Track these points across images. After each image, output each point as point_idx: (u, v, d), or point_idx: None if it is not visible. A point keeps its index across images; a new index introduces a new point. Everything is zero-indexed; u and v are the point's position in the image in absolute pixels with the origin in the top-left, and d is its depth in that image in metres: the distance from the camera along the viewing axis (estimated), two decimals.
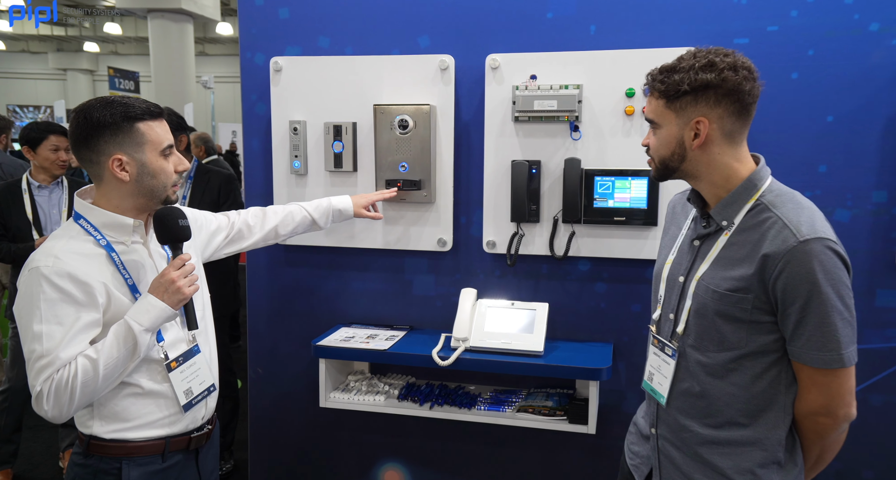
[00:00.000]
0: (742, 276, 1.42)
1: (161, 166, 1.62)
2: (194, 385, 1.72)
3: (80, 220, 1.62)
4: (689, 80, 1.41)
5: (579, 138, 2.32)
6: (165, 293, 1.56)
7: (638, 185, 2.28)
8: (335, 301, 2.68)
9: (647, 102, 1.51)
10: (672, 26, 2.23)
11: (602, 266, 2.43)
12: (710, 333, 1.48)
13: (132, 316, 1.54)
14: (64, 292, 1.50)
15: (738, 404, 1.48)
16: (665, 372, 1.59)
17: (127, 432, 1.63)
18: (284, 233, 2.22)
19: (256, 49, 2.60)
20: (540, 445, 2.55)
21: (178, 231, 1.63)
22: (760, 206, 1.44)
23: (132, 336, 1.52)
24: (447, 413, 2.40)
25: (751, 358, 1.45)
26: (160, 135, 1.63)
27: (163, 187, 1.63)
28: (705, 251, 1.52)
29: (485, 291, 2.51)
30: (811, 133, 2.16)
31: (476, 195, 2.48)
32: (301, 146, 2.54)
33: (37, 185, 3.41)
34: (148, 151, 1.61)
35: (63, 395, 1.48)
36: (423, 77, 2.43)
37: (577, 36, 2.32)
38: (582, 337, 2.47)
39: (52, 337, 1.49)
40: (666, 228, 1.74)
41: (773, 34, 2.15)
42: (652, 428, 1.65)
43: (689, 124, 1.44)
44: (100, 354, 1.50)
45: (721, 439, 1.51)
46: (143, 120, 1.61)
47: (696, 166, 1.48)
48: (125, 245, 1.64)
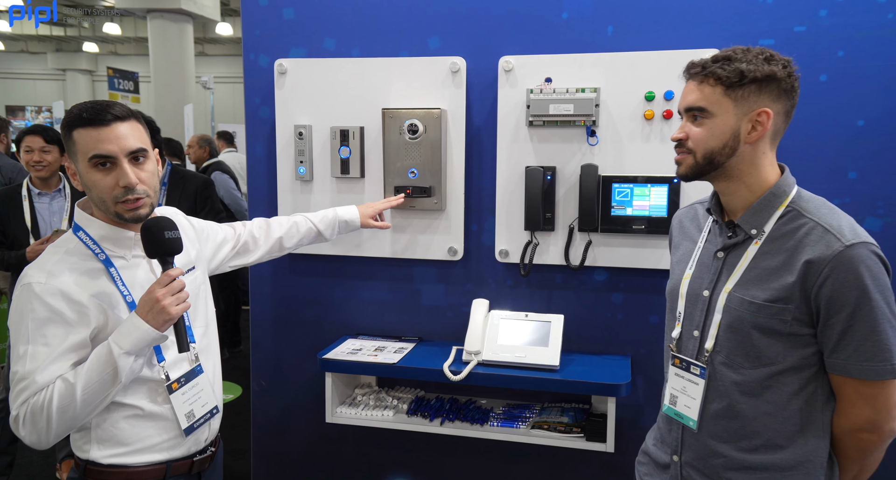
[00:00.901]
0: (782, 286, 1.35)
1: (91, 179, 1.47)
2: (196, 407, 1.63)
3: (79, 233, 1.54)
4: (756, 68, 1.34)
5: (596, 143, 2.23)
6: (150, 313, 1.43)
7: (658, 193, 2.19)
8: (341, 311, 2.59)
9: (692, 90, 1.40)
10: (693, 27, 2.14)
11: (619, 276, 2.34)
12: (744, 348, 1.41)
13: (114, 338, 1.43)
14: (54, 311, 1.42)
15: (774, 424, 1.40)
16: (693, 393, 1.50)
17: (126, 456, 1.54)
18: (289, 245, 2.13)
19: (260, 50, 2.51)
20: (554, 462, 2.46)
21: (163, 244, 1.48)
22: (793, 213, 1.39)
23: (112, 360, 1.41)
24: (459, 429, 2.31)
25: (788, 374, 1.38)
26: (88, 144, 1.45)
27: (101, 201, 1.49)
28: (733, 262, 1.44)
29: (497, 302, 2.42)
30: (840, 138, 2.07)
31: (488, 202, 2.39)
32: (306, 151, 2.45)
33: (37, 192, 3.31)
34: (80, 160, 1.47)
35: (39, 421, 1.40)
36: (433, 80, 2.35)
37: (593, 37, 2.23)
38: (598, 349, 2.38)
39: (35, 359, 1.41)
40: (676, 244, 1.66)
41: (800, 35, 2.06)
42: (674, 456, 1.55)
43: (749, 115, 1.36)
44: (78, 378, 1.41)
45: (757, 463, 1.42)
46: (79, 127, 1.46)
47: (740, 164, 1.40)
48: (125, 259, 1.55)
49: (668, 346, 1.60)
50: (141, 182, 1.49)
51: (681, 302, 1.55)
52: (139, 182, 1.48)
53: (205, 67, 17.87)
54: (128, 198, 1.47)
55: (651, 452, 1.66)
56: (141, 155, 1.50)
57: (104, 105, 1.47)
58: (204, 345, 1.70)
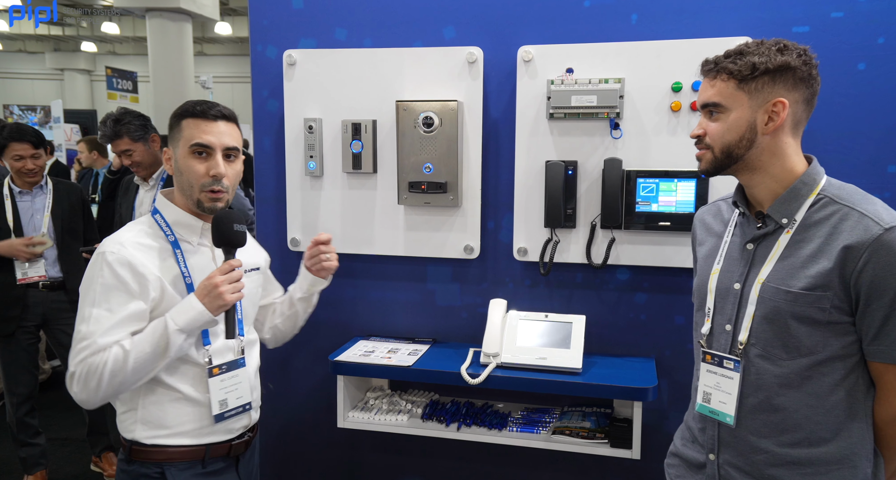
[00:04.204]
0: (819, 273, 1.33)
1: (187, 164, 1.62)
2: (231, 397, 1.69)
3: (156, 215, 1.68)
4: (767, 60, 1.34)
5: (620, 136, 2.14)
6: (207, 296, 1.56)
7: (685, 188, 2.10)
8: (352, 312, 2.50)
9: (707, 87, 1.42)
10: (722, 14, 2.05)
11: (643, 275, 2.25)
12: (781, 339, 1.38)
13: (171, 313, 1.55)
14: (120, 279, 1.54)
15: (816, 416, 1.38)
16: (727, 388, 1.46)
17: (166, 438, 1.64)
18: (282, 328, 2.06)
19: (268, 41, 2.42)
20: (575, 469, 2.37)
21: (231, 235, 1.61)
22: (825, 200, 1.38)
23: (166, 334, 1.53)
24: (476, 434, 2.22)
25: (828, 363, 1.37)
26: (193, 132, 1.62)
27: (189, 186, 1.63)
28: (764, 253, 1.43)
29: (514, 302, 2.33)
30: (879, 129, 1.97)
31: (506, 198, 2.30)
32: (317, 145, 2.36)
33: (17, 191, 3.24)
34: (181, 146, 1.64)
35: (91, 380, 1.51)
36: (448, 71, 2.25)
37: (617, 26, 2.14)
38: (620, 351, 2.29)
39: (99, 322, 1.52)
40: (700, 241, 1.63)
41: (837, 21, 1.97)
42: (710, 454, 1.50)
43: (765, 106, 1.36)
44: (133, 346, 1.52)
45: (801, 458, 1.39)
46: (187, 117, 1.64)
47: (760, 155, 1.40)
48: (191, 244, 1.68)
49: (697, 343, 1.56)
50: (227, 177, 1.64)
51: (710, 298, 1.52)
52: (225, 176, 1.63)
53: (204, 67, 17.80)
54: (213, 187, 1.62)
55: (681, 453, 1.61)
56: (233, 153, 1.66)
57: (214, 104, 1.66)
58: (250, 341, 1.80)
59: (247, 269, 1.71)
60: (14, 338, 3.20)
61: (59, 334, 3.30)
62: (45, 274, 3.21)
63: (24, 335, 3.22)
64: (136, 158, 3.00)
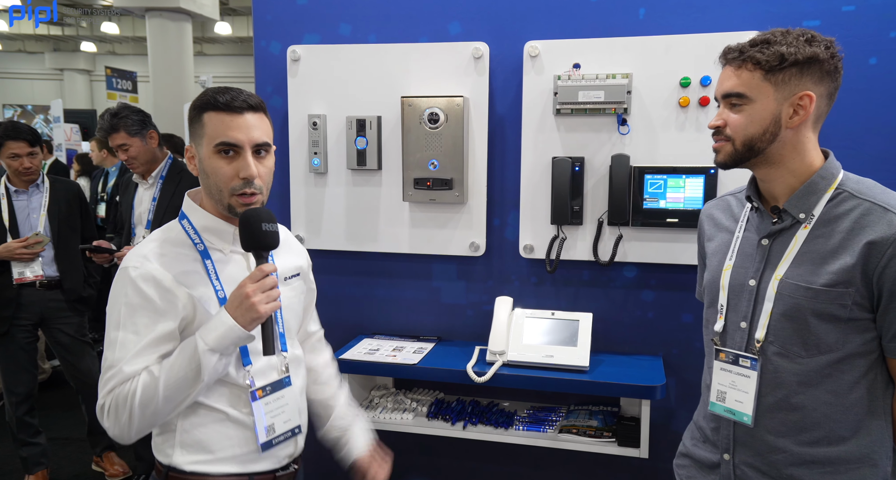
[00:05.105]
0: (841, 269, 1.30)
1: (213, 166, 1.40)
2: (278, 422, 1.50)
3: (183, 221, 1.49)
4: (797, 50, 1.29)
5: (628, 132, 2.12)
6: (238, 309, 1.35)
7: (693, 184, 2.08)
8: (357, 310, 2.47)
9: (730, 76, 1.35)
10: (731, 8, 2.04)
11: (650, 272, 2.23)
12: (801, 336, 1.35)
13: (200, 332, 1.36)
14: (146, 297, 1.36)
15: (836, 414, 1.35)
16: (744, 386, 1.43)
17: (209, 465, 1.45)
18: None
19: (272, 37, 2.40)
20: (582, 468, 2.35)
21: (259, 235, 1.39)
22: (844, 195, 1.34)
23: (196, 355, 1.34)
24: (482, 433, 2.20)
25: (847, 361, 1.34)
26: (217, 129, 1.39)
27: (218, 190, 1.42)
28: (780, 249, 1.39)
29: (520, 300, 2.31)
30: (891, 124, 1.96)
31: (512, 195, 2.28)
32: (321, 142, 2.34)
33: (13, 190, 3.22)
34: (205, 145, 1.41)
35: (122, 413, 1.34)
36: (454, 67, 2.24)
37: (624, 20, 2.12)
38: (627, 349, 2.27)
39: (125, 347, 1.36)
40: (709, 237, 1.59)
41: (848, 15, 1.95)
42: (725, 454, 1.47)
43: (791, 100, 1.32)
44: (162, 372, 1.35)
45: (821, 457, 1.36)
46: (210, 110, 1.40)
47: (781, 149, 1.35)
48: (223, 253, 1.47)
49: (709, 340, 1.53)
50: (259, 176, 1.42)
51: (722, 294, 1.48)
52: (258, 176, 1.42)
53: (204, 67, 17.75)
54: (245, 190, 1.41)
55: (692, 453, 1.57)
56: (264, 149, 1.45)
57: (239, 91, 1.42)
58: (294, 358, 1.58)
59: (286, 276, 1.56)
60: (11, 337, 3.17)
61: (57, 333, 3.27)
62: (41, 274, 3.18)
63: (21, 334, 3.19)
64: (131, 153, 2.96)
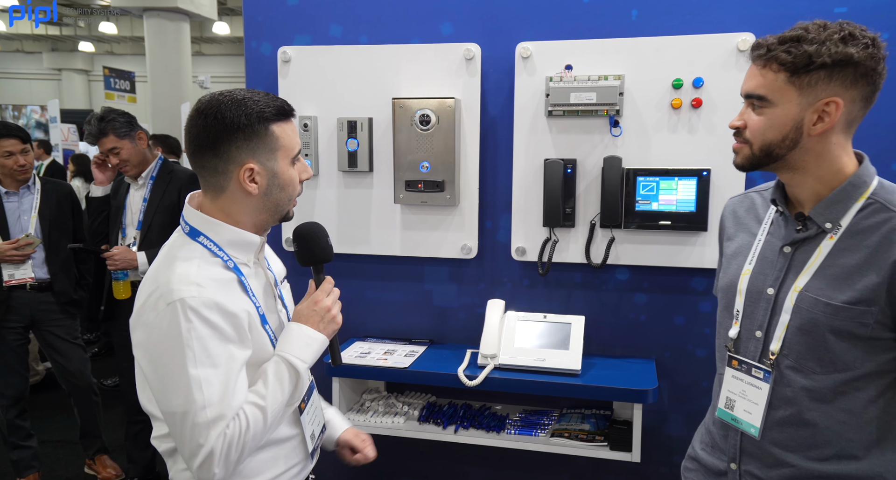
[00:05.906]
0: (865, 286, 1.22)
1: (291, 176, 1.36)
2: (315, 427, 1.51)
3: (200, 238, 1.34)
4: (828, 51, 1.18)
5: (620, 134, 2.11)
6: (321, 322, 1.38)
7: (686, 186, 2.07)
8: (348, 312, 2.40)
9: (755, 74, 1.27)
10: (724, 9, 2.02)
11: (642, 275, 2.21)
12: (816, 353, 1.28)
13: (291, 351, 1.33)
14: (214, 327, 1.24)
15: (849, 433, 1.28)
16: (754, 397, 1.37)
17: None
18: None
19: (263, 38, 2.38)
20: (574, 472, 2.34)
21: (328, 251, 1.44)
22: (876, 205, 1.25)
23: (296, 375, 1.32)
24: (474, 437, 2.18)
25: (865, 380, 1.27)
26: (292, 138, 1.35)
27: (288, 200, 1.38)
28: (803, 258, 1.31)
29: (513, 302, 2.29)
30: (882, 126, 1.92)
31: (504, 197, 2.27)
32: (312, 144, 2.33)
33: (4, 192, 3.19)
34: (280, 158, 1.34)
35: (233, 453, 1.24)
36: (445, 68, 2.22)
37: (616, 21, 2.11)
38: (619, 352, 2.26)
39: (211, 384, 1.22)
40: (730, 236, 1.51)
41: (840, 16, 1.88)
42: (732, 463, 1.43)
43: (815, 105, 1.22)
44: (266, 401, 1.28)
45: (830, 473, 1.30)
46: (277, 121, 1.33)
47: (804, 156, 1.26)
48: (248, 266, 1.39)
49: (722, 346, 1.47)
50: None
51: (739, 300, 1.41)
52: None
53: (202, 67, 17.72)
54: (299, 193, 1.41)
55: (701, 458, 1.52)
56: None
57: (282, 98, 1.36)
58: None
59: (282, 279, 1.54)
60: (1, 340, 3.15)
61: (48, 336, 3.25)
62: (32, 276, 3.17)
63: (11, 336, 3.17)
64: (123, 156, 2.95)
